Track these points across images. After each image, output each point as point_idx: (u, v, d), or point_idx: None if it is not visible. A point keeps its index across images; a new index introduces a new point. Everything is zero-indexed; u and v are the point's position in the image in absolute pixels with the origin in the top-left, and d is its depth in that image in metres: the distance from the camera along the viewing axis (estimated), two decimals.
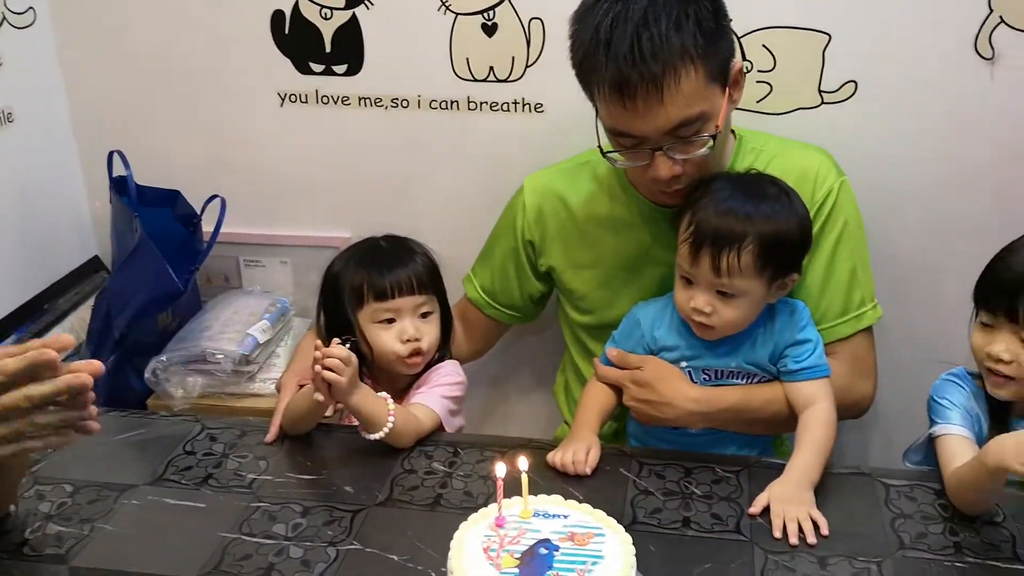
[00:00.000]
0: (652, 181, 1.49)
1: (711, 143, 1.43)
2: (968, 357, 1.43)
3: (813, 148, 1.65)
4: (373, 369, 1.66)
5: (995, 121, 1.73)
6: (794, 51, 1.77)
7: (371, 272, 1.61)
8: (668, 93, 1.36)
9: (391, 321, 1.60)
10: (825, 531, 1.29)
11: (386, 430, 1.46)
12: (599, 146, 1.50)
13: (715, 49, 1.40)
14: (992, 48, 1.69)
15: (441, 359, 1.68)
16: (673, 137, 1.42)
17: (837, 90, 1.78)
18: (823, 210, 1.57)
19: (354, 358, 1.44)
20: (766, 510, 1.33)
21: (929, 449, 1.45)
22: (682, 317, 1.50)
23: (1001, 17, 1.66)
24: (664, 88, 1.36)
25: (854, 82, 1.77)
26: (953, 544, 1.27)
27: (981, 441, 1.40)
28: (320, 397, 1.43)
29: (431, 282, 1.65)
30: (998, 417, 1.42)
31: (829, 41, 1.75)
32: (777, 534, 1.29)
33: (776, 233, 1.41)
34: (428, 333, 1.62)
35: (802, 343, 1.49)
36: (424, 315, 1.63)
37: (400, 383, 1.67)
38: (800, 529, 1.28)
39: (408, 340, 1.60)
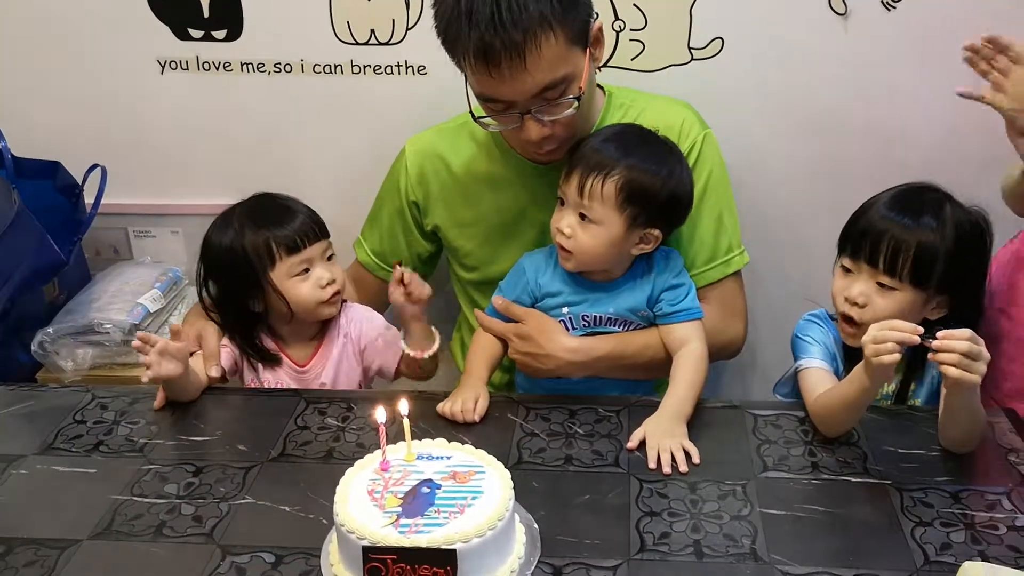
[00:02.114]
0: (525, 143, 1.55)
1: (576, 104, 1.49)
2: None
3: (678, 103, 1.72)
4: (279, 329, 1.68)
5: (850, 71, 1.83)
6: (663, 10, 1.83)
7: (273, 230, 1.61)
8: (531, 59, 1.41)
9: (306, 271, 1.63)
10: (696, 460, 1.37)
11: (436, 345, 1.64)
12: (470, 111, 1.55)
13: (573, 12, 1.45)
14: (845, 4, 1.78)
15: None
16: (540, 100, 1.47)
17: (705, 47, 1.86)
18: (688, 161, 1.64)
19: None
20: (643, 444, 1.41)
21: (795, 382, 1.55)
22: (552, 239, 1.56)
23: None
24: (527, 54, 1.40)
25: (721, 39, 1.85)
26: (811, 464, 1.37)
27: (839, 377, 1.50)
28: (215, 373, 1.53)
29: (323, 224, 1.67)
30: (851, 363, 1.49)
31: (695, 0, 1.82)
32: (652, 465, 1.37)
33: (644, 179, 1.48)
34: (338, 273, 1.66)
35: (676, 287, 1.57)
36: (329, 257, 1.66)
37: (308, 334, 1.70)
38: (673, 459, 1.36)
39: (327, 284, 1.63)
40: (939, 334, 1.24)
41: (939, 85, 1.81)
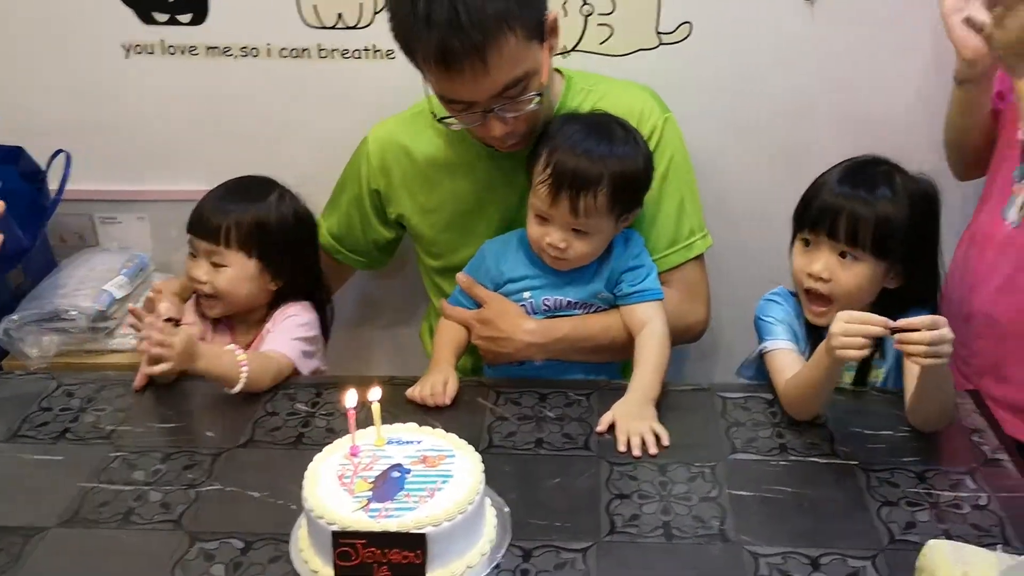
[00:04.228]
0: (489, 138, 1.54)
1: (539, 99, 1.49)
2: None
3: (638, 87, 1.72)
4: (232, 316, 1.69)
5: (817, 56, 1.84)
6: None
7: (201, 204, 1.70)
8: (492, 59, 1.40)
9: (193, 256, 1.69)
10: (666, 442, 1.38)
11: (243, 381, 1.49)
12: (432, 113, 1.54)
13: (529, 8, 1.44)
14: None
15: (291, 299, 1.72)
16: (502, 99, 1.47)
17: (674, 31, 1.86)
18: (649, 145, 1.65)
19: (190, 330, 1.50)
20: (613, 427, 1.42)
21: (760, 364, 1.56)
22: (535, 250, 1.57)
23: None
24: (488, 55, 1.39)
25: (689, 23, 1.85)
26: (779, 445, 1.39)
27: (803, 354, 1.51)
28: (158, 369, 1.47)
29: (233, 230, 1.66)
30: (813, 339, 1.53)
31: None
32: (621, 448, 1.37)
33: (626, 173, 1.50)
34: (219, 280, 1.66)
35: (636, 268, 1.58)
36: (216, 264, 1.67)
37: (251, 319, 1.73)
38: (644, 442, 1.37)
39: (195, 281, 1.68)
40: (901, 322, 1.25)
41: (905, 70, 1.83)
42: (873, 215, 1.44)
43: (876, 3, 1.79)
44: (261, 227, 1.67)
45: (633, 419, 1.41)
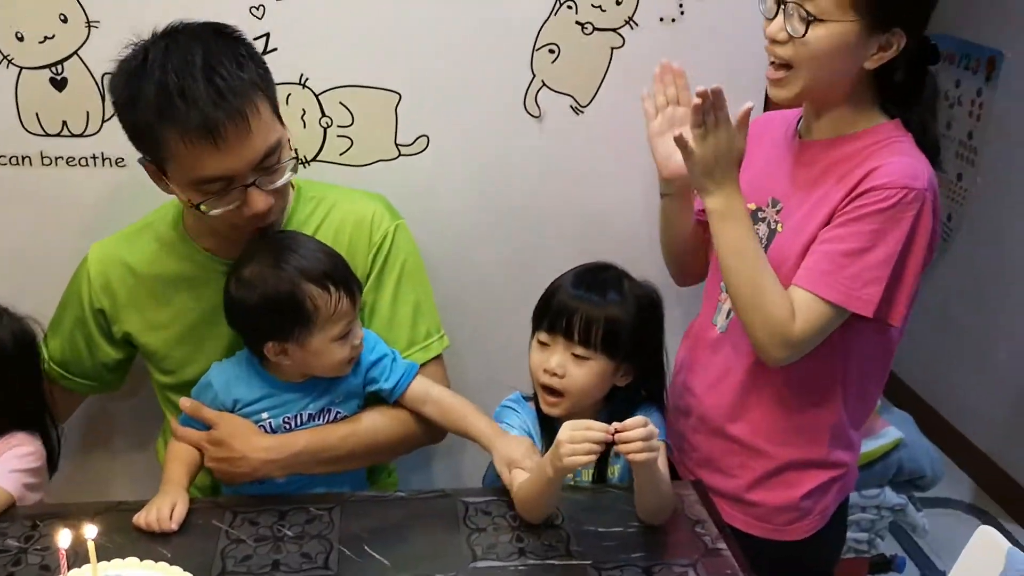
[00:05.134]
0: (249, 219, 1.52)
1: (294, 165, 1.53)
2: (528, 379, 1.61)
3: (369, 195, 1.76)
4: None
5: (543, 169, 1.95)
6: (370, 108, 1.87)
7: None
8: (254, 123, 1.43)
9: None
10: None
11: None
12: (189, 202, 1.49)
13: (269, 82, 1.50)
14: (539, 107, 1.91)
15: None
16: (259, 170, 1.48)
17: (412, 143, 1.92)
18: (381, 251, 1.68)
19: None
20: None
21: None
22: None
23: (543, 81, 1.89)
24: (250, 119, 1.43)
25: (426, 136, 1.91)
26: (518, 550, 1.41)
27: (541, 454, 1.56)
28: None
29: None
30: (549, 433, 1.59)
31: (400, 99, 1.88)
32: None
33: None
34: None
35: (378, 362, 1.60)
36: None
37: None
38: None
39: None
40: (617, 426, 1.34)
41: (625, 177, 1.97)
42: (603, 317, 1.53)
43: (596, 119, 1.92)
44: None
45: (517, 447, 1.50)
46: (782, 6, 1.44)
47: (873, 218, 1.42)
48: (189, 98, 1.39)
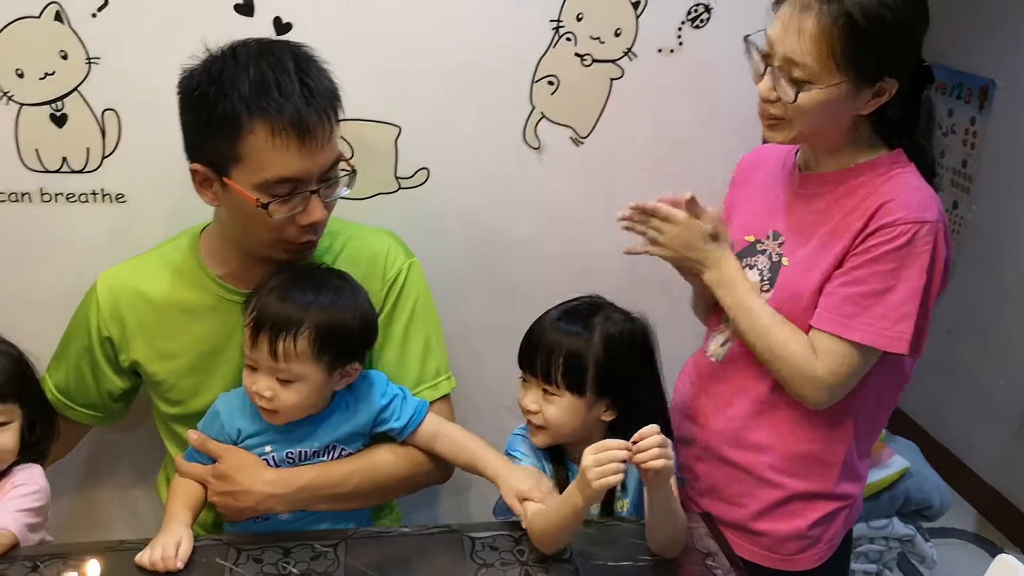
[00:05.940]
0: (301, 229, 1.52)
1: (349, 180, 1.57)
2: None
3: (383, 232, 1.76)
4: None
5: (544, 200, 1.96)
6: (370, 141, 1.88)
7: None
8: (331, 131, 1.49)
9: None
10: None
11: None
12: (257, 201, 1.47)
13: (339, 98, 1.53)
14: (538, 139, 1.92)
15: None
16: (323, 179, 1.51)
17: (412, 176, 1.92)
18: (395, 289, 1.68)
19: None
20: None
21: None
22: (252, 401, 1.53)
23: (543, 113, 1.90)
24: (331, 124, 1.49)
25: (426, 169, 1.92)
26: None
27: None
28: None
29: (12, 389, 1.54)
30: (556, 460, 1.59)
31: (400, 132, 1.88)
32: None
33: (333, 322, 1.49)
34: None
35: (389, 404, 1.59)
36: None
37: None
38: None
39: None
40: (634, 437, 1.33)
41: (626, 208, 1.97)
42: (563, 351, 1.52)
43: (595, 151, 1.93)
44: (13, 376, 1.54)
45: (526, 476, 1.49)
46: (769, 68, 1.44)
47: (891, 256, 1.42)
48: (284, 91, 1.43)
